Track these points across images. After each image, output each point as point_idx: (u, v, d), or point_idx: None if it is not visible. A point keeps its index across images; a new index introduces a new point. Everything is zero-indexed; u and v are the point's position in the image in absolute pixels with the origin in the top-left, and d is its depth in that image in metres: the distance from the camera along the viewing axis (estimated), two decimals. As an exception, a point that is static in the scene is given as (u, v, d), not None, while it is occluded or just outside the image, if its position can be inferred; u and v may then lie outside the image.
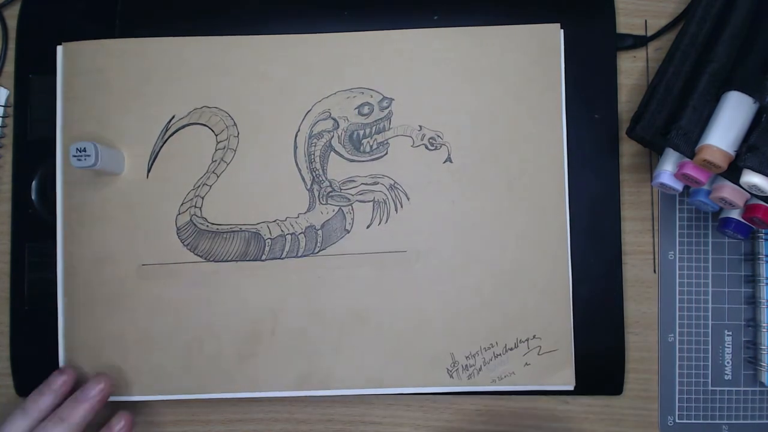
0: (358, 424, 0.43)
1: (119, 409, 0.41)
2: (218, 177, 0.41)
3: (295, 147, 0.41)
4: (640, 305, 0.43)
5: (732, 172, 0.35)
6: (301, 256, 0.41)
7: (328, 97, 0.41)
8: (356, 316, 0.41)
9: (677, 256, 0.43)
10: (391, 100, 0.41)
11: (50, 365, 0.42)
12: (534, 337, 0.41)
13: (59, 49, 0.42)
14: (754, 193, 0.35)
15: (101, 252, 0.41)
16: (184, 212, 0.41)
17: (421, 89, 0.41)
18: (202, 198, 0.41)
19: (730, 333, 0.42)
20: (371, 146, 0.41)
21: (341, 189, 0.41)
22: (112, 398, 0.41)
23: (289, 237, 0.41)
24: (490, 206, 0.41)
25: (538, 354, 0.41)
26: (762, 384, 0.42)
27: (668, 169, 0.38)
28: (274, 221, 0.41)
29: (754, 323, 0.42)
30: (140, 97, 0.41)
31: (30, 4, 0.44)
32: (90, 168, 0.38)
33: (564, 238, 0.41)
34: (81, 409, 0.38)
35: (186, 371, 0.41)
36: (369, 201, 0.41)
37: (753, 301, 0.42)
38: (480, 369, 0.41)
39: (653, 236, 0.43)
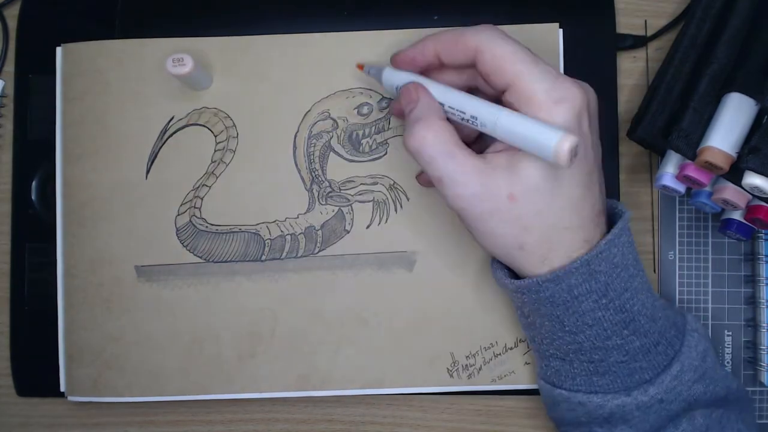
0: (358, 425, 0.43)
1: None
2: (217, 178, 0.41)
3: (294, 147, 0.41)
4: (640, 305, 0.43)
5: (733, 174, 0.35)
6: (300, 257, 0.41)
7: (327, 98, 0.41)
8: (356, 316, 0.41)
9: (677, 256, 0.43)
10: (390, 100, 0.41)
11: (50, 365, 0.42)
12: (534, 336, 0.41)
13: (59, 50, 0.42)
14: (755, 194, 0.35)
15: (101, 252, 0.41)
16: (183, 213, 0.41)
17: (421, 89, 0.41)
18: (202, 199, 0.41)
19: (730, 333, 0.42)
20: (371, 146, 0.41)
21: (341, 189, 0.41)
22: (111, 399, 0.41)
23: (288, 237, 0.41)
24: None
25: (538, 354, 0.41)
26: (762, 384, 0.41)
27: (670, 171, 0.38)
28: (274, 222, 0.41)
29: (754, 323, 0.42)
30: (139, 98, 0.41)
31: (30, 4, 0.44)
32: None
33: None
34: None
35: (186, 372, 0.41)
36: (369, 201, 0.41)
37: (753, 301, 0.42)
38: (480, 368, 0.41)
39: (653, 236, 0.43)
